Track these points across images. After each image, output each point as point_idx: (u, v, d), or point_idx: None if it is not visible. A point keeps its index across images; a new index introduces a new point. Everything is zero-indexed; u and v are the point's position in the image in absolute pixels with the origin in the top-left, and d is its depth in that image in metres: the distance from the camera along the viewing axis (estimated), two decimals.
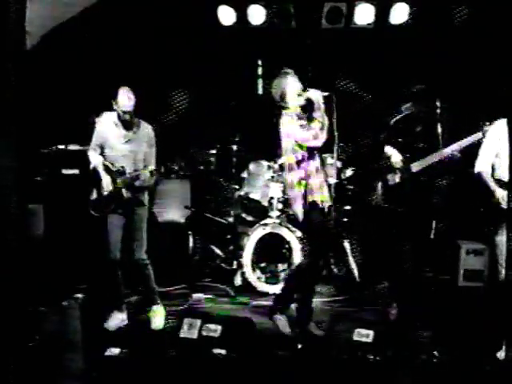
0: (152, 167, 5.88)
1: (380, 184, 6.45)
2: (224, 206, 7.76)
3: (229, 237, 7.58)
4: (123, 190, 5.86)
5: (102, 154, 5.96)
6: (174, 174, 5.96)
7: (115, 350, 5.36)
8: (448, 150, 5.97)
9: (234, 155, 7.65)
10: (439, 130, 6.11)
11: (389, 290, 6.72)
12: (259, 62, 7.81)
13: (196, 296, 6.91)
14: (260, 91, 7.99)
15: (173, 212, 7.55)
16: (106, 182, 5.86)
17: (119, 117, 5.85)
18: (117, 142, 5.90)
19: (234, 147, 7.64)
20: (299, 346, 5.57)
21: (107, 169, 5.89)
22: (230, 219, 7.56)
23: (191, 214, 7.81)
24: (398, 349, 5.34)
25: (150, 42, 7.86)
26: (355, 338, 5.45)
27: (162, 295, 6.40)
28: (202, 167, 7.30)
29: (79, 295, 5.83)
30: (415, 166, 6.16)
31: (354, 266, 7.34)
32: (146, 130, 5.99)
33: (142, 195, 6.07)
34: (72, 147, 7.23)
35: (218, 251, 7.64)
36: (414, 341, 5.50)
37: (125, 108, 5.78)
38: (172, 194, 7.61)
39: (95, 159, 5.95)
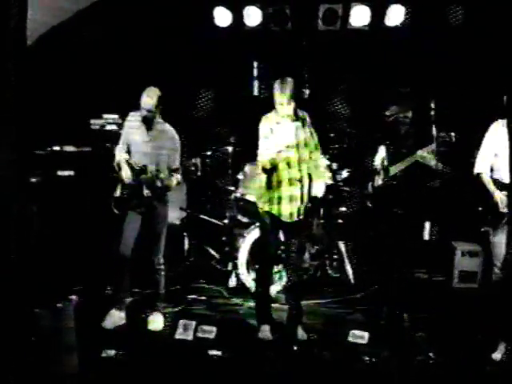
0: (175, 167, 5.96)
1: (370, 186, 6.50)
2: (219, 208, 7.73)
3: (224, 238, 7.53)
4: (144, 189, 5.87)
5: (128, 152, 6.01)
6: (191, 175, 5.94)
7: (110, 352, 5.36)
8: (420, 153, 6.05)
9: (229, 157, 7.63)
10: (434, 131, 6.13)
11: (383, 292, 6.78)
12: (255, 64, 7.79)
13: (192, 297, 6.88)
14: (256, 92, 8.01)
15: (169, 213, 7.52)
16: (127, 175, 5.89)
17: (142, 116, 5.91)
18: (140, 141, 5.96)
19: (230, 149, 7.63)
20: (295, 348, 5.57)
21: (130, 167, 5.90)
22: (226, 221, 7.51)
23: (187, 215, 7.82)
24: (393, 350, 5.38)
25: (146, 43, 7.86)
26: (350, 339, 5.50)
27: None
28: (193, 168, 7.23)
29: (74, 297, 5.84)
30: (392, 170, 6.25)
31: (349, 267, 7.33)
32: (169, 131, 6.03)
33: (163, 196, 6.07)
34: (67, 148, 7.23)
35: (213, 253, 7.63)
36: (410, 342, 5.55)
37: (145, 106, 5.83)
38: (169, 196, 7.59)
39: (119, 156, 6.01)
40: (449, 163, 6.85)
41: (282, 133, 5.63)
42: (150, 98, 5.83)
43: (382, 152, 6.43)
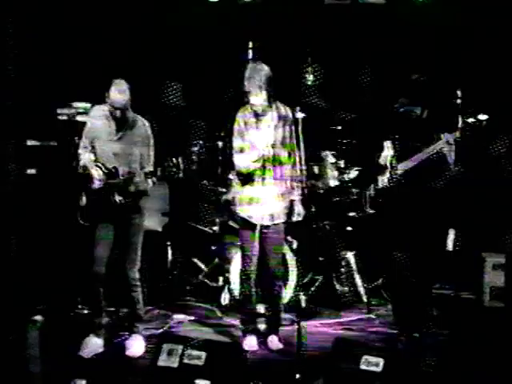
0: (149, 169, 5.89)
1: (372, 188, 6.54)
2: (208, 213, 7.77)
3: (214, 248, 7.57)
4: (115, 195, 5.81)
5: (93, 153, 5.98)
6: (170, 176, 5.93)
7: (81, 382, 5.24)
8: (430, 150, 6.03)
9: (219, 153, 7.61)
10: (460, 122, 6.09)
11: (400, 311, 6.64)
12: (250, 45, 7.76)
13: (177, 317, 6.87)
14: None
15: (148, 220, 7.40)
16: (99, 176, 5.83)
17: (111, 113, 5.86)
18: (108, 139, 5.91)
19: (220, 144, 7.60)
20: (297, 376, 5.52)
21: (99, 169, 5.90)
22: (216, 228, 7.58)
23: (169, 221, 7.81)
24: (412, 380, 5.26)
25: (124, 21, 7.89)
26: (362, 366, 5.39)
27: None
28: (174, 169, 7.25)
29: (38, 317, 5.77)
30: (400, 167, 6.21)
31: (359, 282, 7.37)
32: (143, 126, 6.01)
33: (138, 201, 6.02)
34: (29, 143, 7.26)
35: (201, 265, 7.63)
36: (432, 371, 5.40)
37: (115, 104, 5.79)
38: (147, 198, 7.52)
39: (84, 158, 5.96)
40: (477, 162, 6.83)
41: (257, 130, 5.95)
42: (121, 94, 5.78)
43: (388, 148, 6.38)
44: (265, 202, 5.99)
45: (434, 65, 7.40)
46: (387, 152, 6.40)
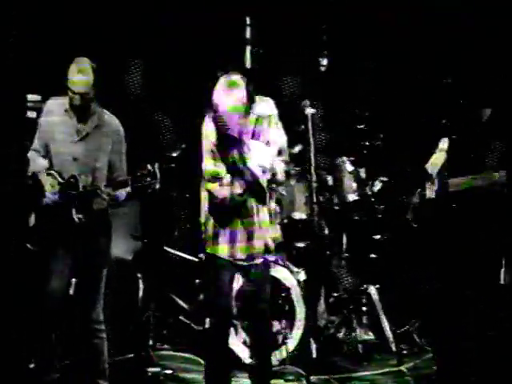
0: (121, 177, 5.85)
1: (417, 195, 6.48)
2: (192, 236, 7.73)
3: (198, 281, 7.56)
4: (73, 212, 5.71)
5: (47, 157, 5.93)
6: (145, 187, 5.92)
7: None
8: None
9: None
10: None
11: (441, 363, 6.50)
12: (247, 21, 7.60)
13: (151, 371, 6.84)
14: (248, 63, 7.92)
15: (115, 245, 7.30)
16: (50, 193, 5.76)
17: (71, 102, 5.78)
18: (67, 140, 5.84)
19: None
20: None
21: (53, 179, 5.83)
22: (201, 255, 7.33)
23: (142, 247, 7.77)
24: None
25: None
26: None
27: None
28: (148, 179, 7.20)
29: None
30: (453, 184, 6.06)
31: (386, 325, 7.31)
32: (112, 123, 5.95)
33: (102, 221, 5.95)
34: None
35: (181, 303, 7.64)
36: None
37: (75, 86, 5.70)
38: (114, 218, 7.40)
39: (36, 163, 5.89)
40: None
41: (240, 149, 5.59)
42: (83, 74, 5.72)
43: (443, 147, 6.16)
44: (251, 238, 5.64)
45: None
46: (440, 157, 6.18)
